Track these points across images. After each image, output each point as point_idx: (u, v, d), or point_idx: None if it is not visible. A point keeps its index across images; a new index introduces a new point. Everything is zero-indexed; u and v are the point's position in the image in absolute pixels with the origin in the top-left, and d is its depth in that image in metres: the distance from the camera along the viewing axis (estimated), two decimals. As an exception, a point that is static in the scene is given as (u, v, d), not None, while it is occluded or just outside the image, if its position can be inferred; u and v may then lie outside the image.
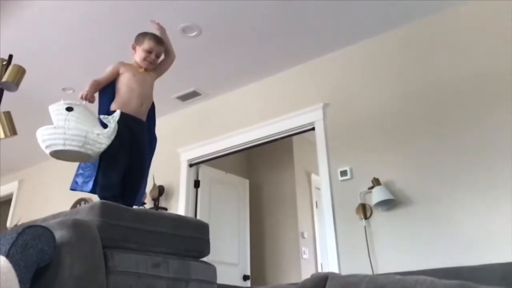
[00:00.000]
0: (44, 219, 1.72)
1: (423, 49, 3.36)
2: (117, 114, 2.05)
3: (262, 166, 5.53)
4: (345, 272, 2.93)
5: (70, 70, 4.01)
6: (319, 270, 4.88)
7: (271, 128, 3.95)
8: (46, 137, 1.89)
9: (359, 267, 3.01)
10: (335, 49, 3.79)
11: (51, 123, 1.90)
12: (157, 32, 2.44)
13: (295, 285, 2.12)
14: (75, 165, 2.26)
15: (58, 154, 1.93)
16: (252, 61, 3.97)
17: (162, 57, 2.46)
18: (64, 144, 1.87)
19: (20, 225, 1.75)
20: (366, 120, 3.45)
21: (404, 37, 3.48)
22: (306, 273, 4.27)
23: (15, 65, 2.68)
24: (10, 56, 2.73)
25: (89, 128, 1.92)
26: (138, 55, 2.36)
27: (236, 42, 3.69)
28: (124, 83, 2.27)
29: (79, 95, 2.12)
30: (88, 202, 4.83)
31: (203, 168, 4.57)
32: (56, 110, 1.93)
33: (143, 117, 2.30)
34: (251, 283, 4.64)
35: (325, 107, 3.69)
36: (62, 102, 1.93)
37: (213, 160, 4.46)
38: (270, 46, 3.75)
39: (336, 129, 3.58)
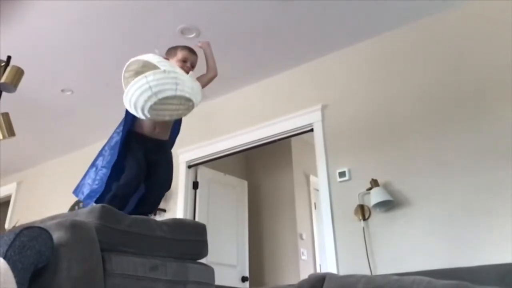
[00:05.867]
0: (42, 221, 1.72)
1: (422, 50, 3.37)
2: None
3: (261, 167, 5.53)
4: (343, 273, 2.93)
5: (68, 72, 4.01)
6: (318, 271, 4.87)
7: (269, 130, 3.95)
8: (155, 83, 1.71)
9: (357, 268, 3.01)
10: (333, 50, 3.79)
11: (49, 125, 1.86)
12: (196, 48, 2.38)
13: (293, 286, 2.12)
14: (74, 167, 2.27)
15: (159, 108, 1.75)
16: (250, 63, 3.97)
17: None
18: (176, 89, 1.72)
19: (18, 226, 1.74)
20: (365, 121, 3.45)
21: (403, 38, 3.49)
22: (304, 274, 4.26)
23: (13, 66, 2.68)
24: (9, 57, 2.73)
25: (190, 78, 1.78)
26: None
27: (235, 44, 3.70)
28: None
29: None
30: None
31: (201, 170, 4.56)
32: (158, 58, 1.78)
33: (160, 137, 2.29)
34: (250, 285, 4.63)
35: (324, 108, 3.69)
36: (156, 51, 1.80)
37: (211, 162, 4.46)
38: (269, 48, 3.76)
39: (334, 131, 3.58)
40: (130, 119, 2.23)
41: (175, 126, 2.46)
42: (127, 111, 2.25)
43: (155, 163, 2.27)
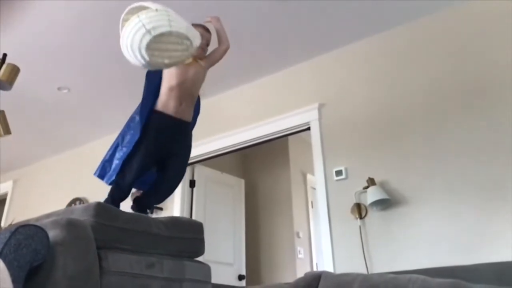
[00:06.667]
0: (38, 219, 1.71)
1: (420, 50, 3.37)
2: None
3: (258, 166, 5.53)
4: (340, 271, 2.94)
5: (65, 70, 3.99)
6: (314, 270, 4.88)
7: (266, 128, 3.95)
8: (148, 20, 1.67)
9: (354, 266, 3.01)
10: (331, 49, 3.79)
11: (46, 123, 1.83)
12: (209, 25, 2.39)
13: (289, 285, 2.12)
14: (70, 165, 2.26)
15: (156, 48, 1.70)
16: (248, 62, 3.96)
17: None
18: (170, 25, 1.69)
19: (14, 224, 1.74)
20: (362, 120, 3.45)
21: (400, 37, 3.49)
22: (301, 273, 4.25)
23: (9, 64, 2.67)
24: (4, 55, 2.72)
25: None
26: None
27: (232, 42, 3.67)
28: (166, 79, 2.18)
29: None
30: (83, 202, 4.82)
31: (198, 168, 4.56)
32: (153, 4, 1.76)
33: (184, 116, 2.21)
34: (246, 283, 4.64)
35: (321, 107, 3.69)
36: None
37: (208, 160, 4.45)
38: (266, 46, 3.75)
39: (331, 129, 3.58)
40: (151, 96, 2.16)
41: (196, 105, 2.38)
42: (145, 89, 2.19)
43: (172, 154, 2.19)
